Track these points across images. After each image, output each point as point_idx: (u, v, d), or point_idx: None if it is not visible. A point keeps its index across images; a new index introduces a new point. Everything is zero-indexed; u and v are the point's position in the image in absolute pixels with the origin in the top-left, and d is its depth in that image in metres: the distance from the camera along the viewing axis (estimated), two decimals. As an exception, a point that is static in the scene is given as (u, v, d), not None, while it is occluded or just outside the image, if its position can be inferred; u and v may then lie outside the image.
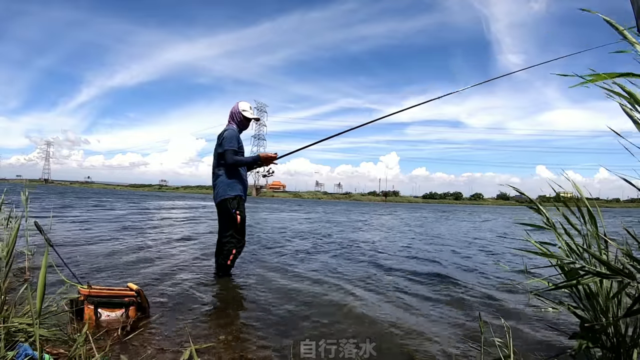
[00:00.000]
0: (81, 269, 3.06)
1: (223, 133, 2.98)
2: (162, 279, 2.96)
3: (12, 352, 1.30)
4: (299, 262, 4.06)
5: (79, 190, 49.28)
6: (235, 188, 2.95)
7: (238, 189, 2.97)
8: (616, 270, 1.04)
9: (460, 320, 2.26)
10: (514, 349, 1.35)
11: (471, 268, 4.07)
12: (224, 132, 2.97)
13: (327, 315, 2.26)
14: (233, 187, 2.95)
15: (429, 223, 12.81)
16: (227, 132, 2.96)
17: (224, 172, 2.96)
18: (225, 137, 2.92)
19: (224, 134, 2.95)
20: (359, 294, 2.77)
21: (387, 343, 1.86)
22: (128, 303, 1.95)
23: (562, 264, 1.31)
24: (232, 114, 3.10)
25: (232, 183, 2.96)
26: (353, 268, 3.81)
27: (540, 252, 1.37)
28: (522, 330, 2.08)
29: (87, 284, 1.94)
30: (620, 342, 1.20)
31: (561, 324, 2.20)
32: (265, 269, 3.55)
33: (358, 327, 2.06)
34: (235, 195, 2.94)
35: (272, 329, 1.99)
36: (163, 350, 1.64)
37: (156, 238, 5.55)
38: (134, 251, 4.19)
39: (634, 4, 1.02)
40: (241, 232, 3.00)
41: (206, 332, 1.90)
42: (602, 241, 1.27)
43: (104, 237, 5.24)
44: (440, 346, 1.84)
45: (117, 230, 6.33)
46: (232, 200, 2.92)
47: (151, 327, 1.91)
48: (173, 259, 3.86)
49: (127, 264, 3.44)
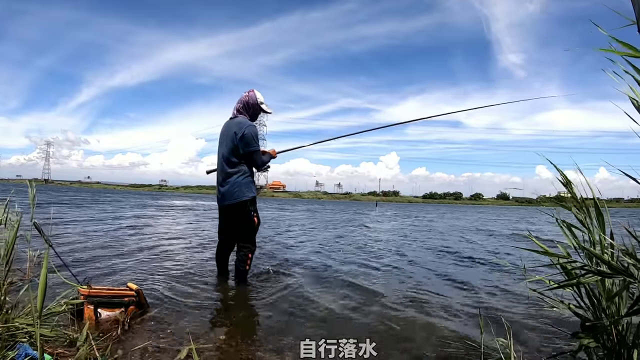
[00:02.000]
0: (81, 269, 3.05)
1: (243, 128, 2.63)
2: (163, 278, 2.95)
3: (12, 352, 1.30)
4: (299, 261, 4.06)
5: (80, 190, 49.30)
6: (252, 189, 2.74)
7: (254, 190, 2.77)
8: (617, 270, 1.04)
9: (460, 320, 2.26)
10: (514, 348, 1.35)
11: (471, 267, 4.07)
12: (245, 128, 2.62)
13: (327, 315, 2.26)
14: (250, 187, 2.73)
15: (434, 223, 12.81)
16: (249, 127, 2.64)
17: (240, 170, 2.68)
18: (249, 134, 2.62)
19: (246, 130, 2.61)
20: (359, 294, 2.77)
21: (387, 343, 1.86)
22: (128, 303, 1.94)
23: (563, 263, 1.31)
24: (248, 104, 2.76)
25: (249, 184, 2.72)
26: (350, 268, 3.81)
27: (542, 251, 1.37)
28: (523, 329, 2.08)
29: (86, 284, 1.94)
30: (621, 343, 1.20)
31: (562, 324, 2.19)
32: (265, 268, 3.55)
33: (358, 327, 2.06)
34: (253, 197, 2.73)
35: (272, 329, 1.99)
36: (163, 349, 1.64)
37: (157, 238, 5.54)
38: (134, 251, 4.18)
39: (635, 4, 1.02)
40: (255, 234, 2.84)
41: (206, 332, 1.90)
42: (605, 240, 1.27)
43: (104, 237, 5.24)
44: (440, 346, 1.84)
45: (118, 229, 6.33)
46: (250, 202, 2.71)
47: (151, 327, 1.91)
48: (174, 258, 3.85)
49: (127, 264, 3.43)
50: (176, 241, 5.30)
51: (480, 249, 5.78)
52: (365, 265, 3.98)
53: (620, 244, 1.18)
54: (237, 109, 2.78)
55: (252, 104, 2.77)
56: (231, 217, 2.79)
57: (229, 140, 2.68)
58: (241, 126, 2.65)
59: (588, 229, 1.33)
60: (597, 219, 1.30)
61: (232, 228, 2.83)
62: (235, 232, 2.83)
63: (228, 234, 2.87)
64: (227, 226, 2.85)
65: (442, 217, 18.54)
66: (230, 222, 2.81)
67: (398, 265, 4.06)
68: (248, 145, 2.63)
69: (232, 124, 2.72)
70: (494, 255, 5.18)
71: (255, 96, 2.78)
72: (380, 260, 4.39)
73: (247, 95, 2.78)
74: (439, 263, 4.35)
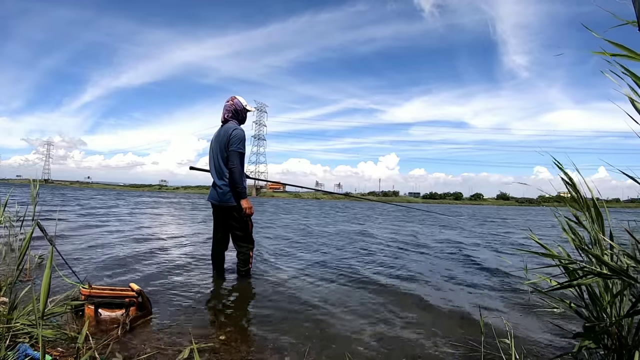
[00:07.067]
0: (82, 269, 3.06)
1: (232, 130, 2.75)
2: (164, 279, 2.96)
3: (13, 353, 1.30)
4: (299, 261, 4.07)
5: (80, 190, 49.30)
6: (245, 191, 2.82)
7: (246, 191, 2.84)
8: (616, 271, 1.05)
9: (460, 320, 2.27)
10: (515, 349, 1.35)
11: (471, 266, 4.07)
12: (234, 130, 2.75)
13: (327, 314, 2.26)
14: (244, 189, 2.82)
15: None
16: (237, 130, 2.76)
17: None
18: (237, 136, 2.73)
19: (234, 132, 2.73)
20: (358, 293, 2.77)
21: (387, 343, 1.86)
22: (129, 303, 1.95)
23: (564, 264, 1.31)
24: (236, 111, 2.90)
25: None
26: (349, 266, 3.81)
27: (542, 252, 1.37)
28: (524, 330, 2.08)
29: (88, 284, 1.95)
30: (623, 344, 1.20)
31: (563, 325, 2.20)
32: (265, 268, 3.56)
33: (358, 327, 2.06)
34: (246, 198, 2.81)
35: (272, 328, 1.99)
36: (163, 349, 1.64)
37: (157, 238, 5.54)
38: (136, 251, 4.18)
39: (635, 4, 1.02)
40: (252, 232, 2.93)
41: (207, 332, 1.91)
42: (604, 241, 1.27)
43: (105, 237, 5.24)
44: (440, 345, 1.84)
45: (118, 229, 6.33)
46: None
47: (152, 327, 1.91)
48: (174, 258, 3.85)
49: (128, 264, 3.44)
50: (176, 240, 5.30)
51: (485, 247, 5.77)
52: (367, 263, 3.98)
53: (621, 245, 1.18)
54: (225, 117, 2.90)
55: (239, 110, 2.92)
56: (226, 217, 2.87)
57: (223, 142, 2.77)
58: (231, 128, 2.78)
59: (587, 229, 1.33)
60: (597, 219, 1.31)
61: (226, 227, 2.92)
62: (229, 230, 2.92)
63: (223, 232, 2.96)
64: (221, 225, 2.95)
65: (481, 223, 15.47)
66: (225, 222, 2.90)
67: (397, 264, 4.06)
68: (233, 144, 2.72)
69: (225, 128, 2.83)
70: (497, 253, 5.18)
71: (240, 102, 2.93)
72: (379, 259, 4.39)
73: (233, 103, 2.91)
74: (435, 262, 4.35)
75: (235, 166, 2.71)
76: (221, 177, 2.80)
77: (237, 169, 2.72)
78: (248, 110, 2.97)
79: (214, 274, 3.09)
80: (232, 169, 2.72)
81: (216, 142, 2.85)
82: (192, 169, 3.46)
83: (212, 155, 2.91)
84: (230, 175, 2.74)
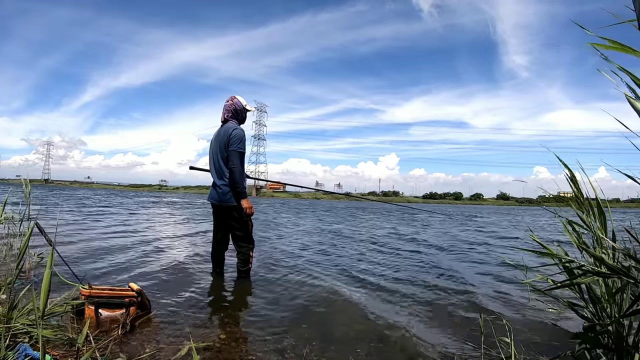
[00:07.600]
0: (82, 269, 3.06)
1: (231, 130, 2.74)
2: (163, 278, 2.96)
3: (13, 353, 1.30)
4: (299, 261, 4.06)
5: (80, 190, 49.29)
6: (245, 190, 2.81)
7: (246, 191, 2.83)
8: (615, 270, 1.05)
9: (460, 320, 2.27)
10: (515, 349, 1.35)
11: (471, 266, 4.07)
12: (234, 130, 2.74)
13: (327, 314, 2.26)
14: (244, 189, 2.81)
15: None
16: (237, 130, 2.75)
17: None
18: (237, 136, 2.72)
19: (234, 132, 2.73)
20: (358, 294, 2.77)
21: (387, 343, 1.86)
22: (129, 303, 1.94)
23: (563, 263, 1.31)
24: (236, 111, 2.89)
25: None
26: (348, 264, 3.81)
27: (541, 251, 1.37)
28: (524, 330, 2.08)
29: (87, 284, 1.94)
30: (622, 344, 1.20)
31: (563, 325, 2.20)
32: (265, 268, 3.56)
33: (359, 327, 2.06)
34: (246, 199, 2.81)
35: (273, 329, 1.99)
36: (163, 349, 1.65)
37: (157, 237, 5.54)
38: (136, 251, 4.18)
39: (636, 4, 1.02)
40: (251, 232, 2.93)
41: (207, 332, 1.91)
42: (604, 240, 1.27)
43: (105, 237, 5.24)
44: (440, 346, 1.84)
45: (118, 229, 6.33)
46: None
47: (152, 327, 1.91)
48: (174, 258, 3.85)
49: (128, 264, 3.44)
50: (176, 240, 5.31)
51: (484, 247, 5.77)
52: (367, 263, 3.99)
53: (621, 244, 1.18)
54: (225, 117, 2.89)
55: (239, 110, 2.91)
56: (226, 217, 2.87)
57: (223, 142, 2.76)
58: (231, 128, 2.77)
59: (589, 228, 1.33)
60: (599, 219, 1.30)
61: (226, 227, 2.92)
62: (229, 230, 2.92)
63: (223, 232, 2.96)
64: (221, 225, 2.94)
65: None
66: (225, 222, 2.89)
67: (396, 264, 4.06)
68: (233, 144, 2.72)
69: (225, 128, 2.82)
70: (495, 253, 5.18)
71: (240, 102, 2.92)
72: (378, 259, 4.39)
73: (233, 103, 2.90)
74: (434, 261, 4.36)
75: (235, 166, 2.71)
76: (221, 177, 2.80)
77: (237, 169, 2.71)
78: (248, 110, 2.97)
79: (213, 273, 3.09)
80: (232, 169, 2.71)
81: (216, 142, 2.85)
82: (192, 168, 3.47)
83: (212, 155, 2.90)
84: (231, 175, 2.73)
